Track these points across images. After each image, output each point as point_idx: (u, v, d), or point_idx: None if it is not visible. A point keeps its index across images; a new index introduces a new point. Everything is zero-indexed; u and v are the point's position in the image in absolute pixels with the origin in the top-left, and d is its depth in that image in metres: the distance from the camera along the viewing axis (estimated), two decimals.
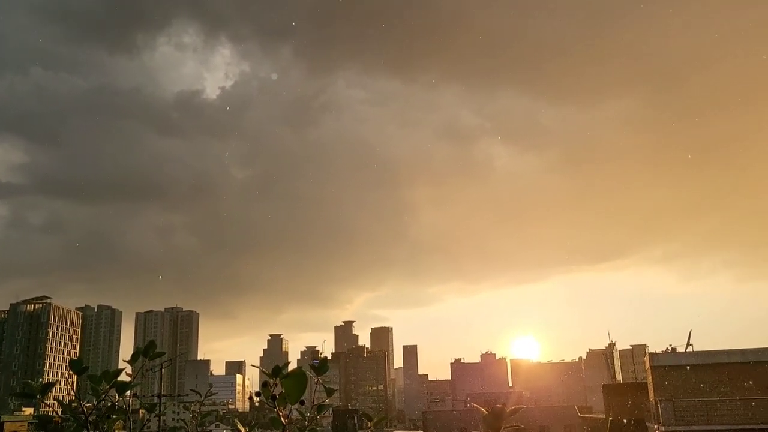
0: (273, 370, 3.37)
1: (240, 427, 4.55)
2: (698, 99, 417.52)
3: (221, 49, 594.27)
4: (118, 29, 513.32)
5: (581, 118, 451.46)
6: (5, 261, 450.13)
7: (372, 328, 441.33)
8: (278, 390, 3.20)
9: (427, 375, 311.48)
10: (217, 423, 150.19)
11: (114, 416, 4.77)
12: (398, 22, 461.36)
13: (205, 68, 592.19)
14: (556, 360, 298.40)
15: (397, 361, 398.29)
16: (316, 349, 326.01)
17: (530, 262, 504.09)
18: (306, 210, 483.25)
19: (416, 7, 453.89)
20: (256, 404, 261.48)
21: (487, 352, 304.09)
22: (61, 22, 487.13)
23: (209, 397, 8.09)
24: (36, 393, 4.37)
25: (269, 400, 3.72)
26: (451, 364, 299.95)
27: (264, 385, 3.43)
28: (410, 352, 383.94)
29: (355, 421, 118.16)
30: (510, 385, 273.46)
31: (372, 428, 5.12)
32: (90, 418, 4.49)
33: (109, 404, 4.66)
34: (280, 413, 3.65)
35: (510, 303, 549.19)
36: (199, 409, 7.88)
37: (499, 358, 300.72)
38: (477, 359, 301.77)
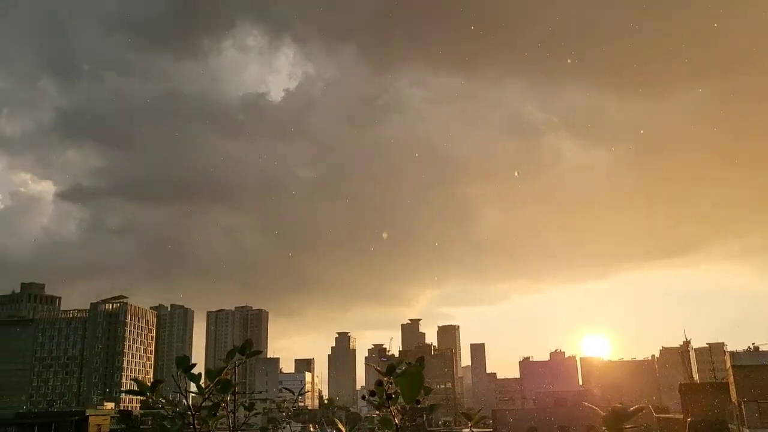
0: (387, 369, 3.26)
1: (340, 426, 4.56)
2: None
3: (285, 50, 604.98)
4: (184, 35, 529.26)
5: (650, 110, 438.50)
6: (85, 262, 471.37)
7: (439, 326, 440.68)
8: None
9: (495, 373, 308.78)
10: (288, 421, 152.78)
11: (219, 414, 4.85)
12: (461, 18, 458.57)
13: (270, 70, 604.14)
14: (627, 358, 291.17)
15: (465, 359, 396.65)
16: (384, 347, 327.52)
17: (598, 259, 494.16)
18: (370, 209, 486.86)
19: (479, 2, 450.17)
20: (325, 402, 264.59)
21: (556, 350, 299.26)
22: (131, 30, 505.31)
23: (279, 395, 8.21)
24: (146, 390, 4.51)
25: (384, 400, 3.35)
26: (520, 362, 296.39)
27: (379, 384, 3.34)
28: (478, 350, 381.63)
29: (424, 419, 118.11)
30: (580, 383, 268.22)
31: (471, 428, 5.05)
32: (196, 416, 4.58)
33: (213, 402, 4.74)
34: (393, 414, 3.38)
35: (578, 300, 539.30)
36: (272, 406, 8.02)
37: (569, 356, 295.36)
38: (546, 357, 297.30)
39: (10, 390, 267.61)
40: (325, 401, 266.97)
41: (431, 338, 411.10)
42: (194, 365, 4.55)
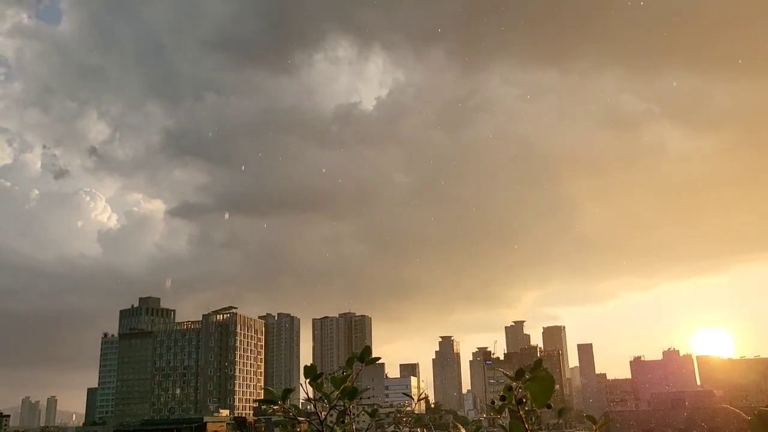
0: (516, 373, 3.25)
1: (461, 428, 4.60)
2: None
3: (375, 59, 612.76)
4: (277, 51, 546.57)
5: (761, 93, 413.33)
6: (196, 276, 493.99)
7: (544, 328, 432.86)
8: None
9: (605, 374, 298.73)
10: (395, 424, 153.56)
11: (346, 421, 5.00)
12: (549, 11, 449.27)
13: (360, 79, 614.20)
14: (749, 356, 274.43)
15: (572, 360, 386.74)
16: (488, 350, 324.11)
17: (709, 252, 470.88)
18: (467, 211, 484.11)
19: None
20: (432, 406, 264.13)
21: (669, 349, 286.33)
22: (227, 51, 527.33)
23: (386, 400, 8.35)
24: (277, 399, 4.71)
25: (514, 405, 3.33)
26: (631, 362, 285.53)
27: (509, 389, 3.30)
28: (585, 350, 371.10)
29: (533, 421, 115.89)
30: (698, 383, 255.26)
31: (598, 430, 4.95)
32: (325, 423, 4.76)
33: (340, 409, 4.90)
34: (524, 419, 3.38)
35: (689, 296, 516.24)
36: (378, 411, 8.12)
37: (684, 355, 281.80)
38: (658, 356, 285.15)
39: (135, 399, 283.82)
40: (432, 405, 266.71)
41: (536, 340, 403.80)
42: (321, 374, 4.71)
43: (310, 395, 4.97)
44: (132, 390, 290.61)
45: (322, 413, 4.85)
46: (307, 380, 4.74)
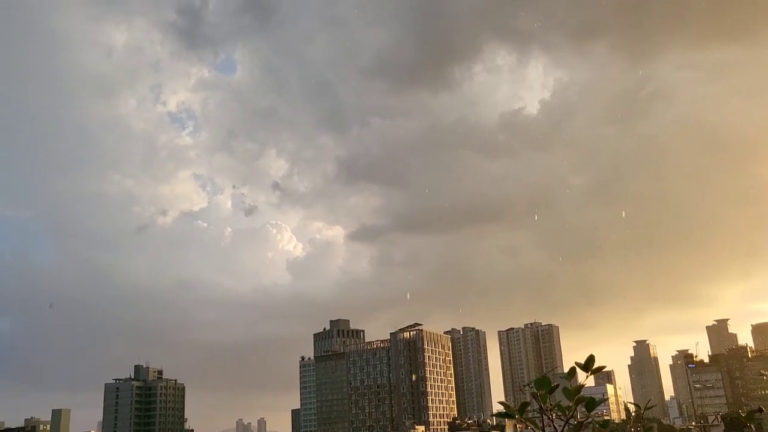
0: None
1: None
2: None
3: (534, 63, 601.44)
4: (435, 69, 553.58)
5: None
6: (380, 295, 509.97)
7: (752, 325, 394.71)
8: None
9: None
10: None
11: None
12: None
13: (522, 85, 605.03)
14: None
15: None
16: (690, 352, 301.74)
17: None
18: (650, 207, 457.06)
19: None
20: (632, 413, 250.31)
21: None
22: (387, 76, 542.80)
23: (582, 409, 8.09)
24: (514, 414, 4.85)
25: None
26: None
27: None
28: None
29: (753, 430, 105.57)
30: None
31: None
32: None
33: (576, 422, 4.92)
34: None
35: None
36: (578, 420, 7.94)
37: None
38: None
39: (335, 418, 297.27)
40: (632, 413, 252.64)
41: (744, 339, 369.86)
42: (557, 386, 4.78)
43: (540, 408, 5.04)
44: (331, 410, 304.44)
45: (558, 427, 4.90)
46: (540, 391, 4.82)
